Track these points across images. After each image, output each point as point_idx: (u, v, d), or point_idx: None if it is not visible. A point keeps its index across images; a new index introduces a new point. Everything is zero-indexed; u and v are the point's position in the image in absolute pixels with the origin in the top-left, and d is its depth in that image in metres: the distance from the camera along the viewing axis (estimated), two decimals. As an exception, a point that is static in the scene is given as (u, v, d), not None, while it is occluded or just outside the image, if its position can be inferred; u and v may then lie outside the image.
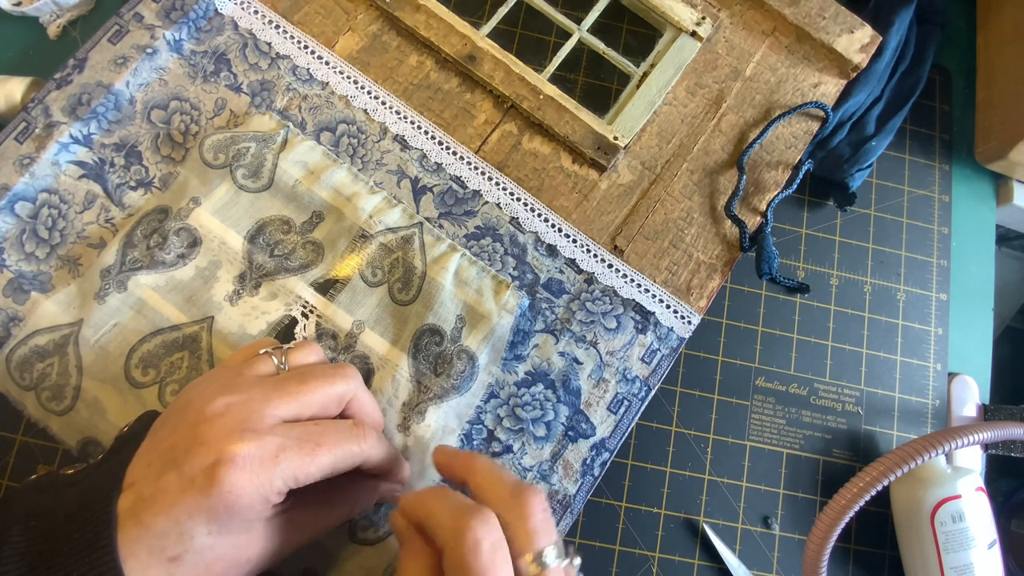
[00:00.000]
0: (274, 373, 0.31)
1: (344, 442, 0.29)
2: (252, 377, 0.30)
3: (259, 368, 0.31)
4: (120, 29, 0.39)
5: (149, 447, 0.28)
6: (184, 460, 0.26)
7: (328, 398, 0.30)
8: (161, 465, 0.26)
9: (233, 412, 0.27)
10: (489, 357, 0.37)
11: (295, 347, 0.33)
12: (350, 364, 0.33)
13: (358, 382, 0.31)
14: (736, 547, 0.41)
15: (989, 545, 0.39)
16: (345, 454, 0.29)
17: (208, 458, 0.26)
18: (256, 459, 0.26)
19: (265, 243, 0.38)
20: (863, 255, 0.47)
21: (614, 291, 0.39)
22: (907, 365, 0.45)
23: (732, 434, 0.43)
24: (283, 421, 0.28)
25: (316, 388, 0.29)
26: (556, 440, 0.37)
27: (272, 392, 0.29)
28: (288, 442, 0.27)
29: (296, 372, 0.31)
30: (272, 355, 0.31)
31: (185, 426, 0.27)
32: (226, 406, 0.27)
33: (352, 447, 0.29)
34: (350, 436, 0.29)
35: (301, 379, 0.30)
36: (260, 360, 0.31)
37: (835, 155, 0.45)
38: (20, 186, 0.36)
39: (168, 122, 0.39)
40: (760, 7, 0.43)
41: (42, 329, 0.35)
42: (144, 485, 0.26)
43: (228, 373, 0.30)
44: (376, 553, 0.34)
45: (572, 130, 0.40)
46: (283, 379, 0.30)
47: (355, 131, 0.40)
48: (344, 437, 0.29)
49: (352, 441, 0.29)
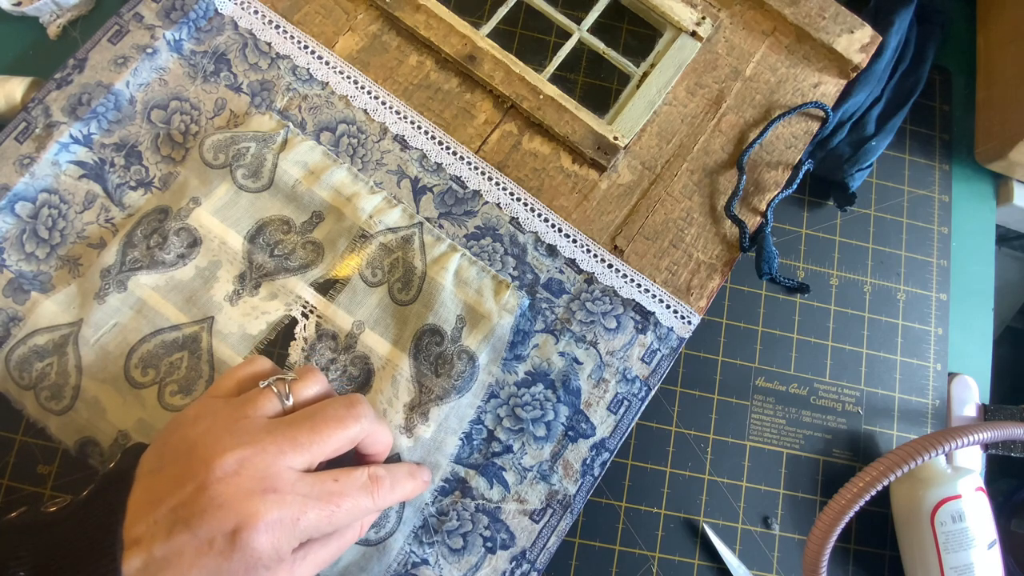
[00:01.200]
0: (280, 412, 0.30)
1: (361, 499, 0.29)
2: (259, 421, 0.28)
3: (263, 407, 0.29)
4: (120, 29, 0.39)
5: (148, 495, 0.26)
6: (199, 522, 0.25)
7: (342, 443, 0.29)
8: (170, 523, 0.25)
9: (248, 470, 0.26)
10: (489, 357, 0.37)
11: (298, 378, 0.31)
12: (360, 397, 0.31)
13: (369, 419, 0.30)
14: (736, 547, 0.41)
15: (989, 545, 0.39)
16: (360, 510, 0.29)
17: (228, 523, 0.25)
18: (278, 522, 0.26)
19: (265, 243, 0.38)
20: (863, 255, 0.47)
21: (614, 291, 0.39)
22: (907, 365, 0.45)
23: (732, 434, 0.43)
24: (302, 472, 0.28)
25: (331, 436, 0.29)
26: (556, 440, 0.37)
27: (286, 444, 0.28)
28: (309, 503, 0.27)
29: (307, 415, 0.29)
30: (274, 388, 0.30)
31: (192, 481, 0.26)
32: (239, 462, 0.26)
33: (366, 503, 0.29)
34: (365, 493, 0.29)
35: (314, 426, 0.29)
36: (263, 397, 0.30)
37: (835, 155, 0.45)
38: (20, 186, 0.36)
39: (168, 122, 0.39)
40: (760, 7, 0.43)
41: (42, 329, 0.35)
42: (154, 545, 0.25)
43: (228, 411, 0.29)
44: (377, 554, 0.34)
45: (572, 130, 0.40)
46: (295, 425, 0.28)
47: (355, 131, 0.40)
48: (361, 495, 0.29)
49: (366, 497, 0.29)
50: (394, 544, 0.35)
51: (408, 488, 0.33)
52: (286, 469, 0.27)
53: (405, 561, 0.35)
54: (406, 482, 0.32)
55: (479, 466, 0.36)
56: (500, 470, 0.36)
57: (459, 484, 0.36)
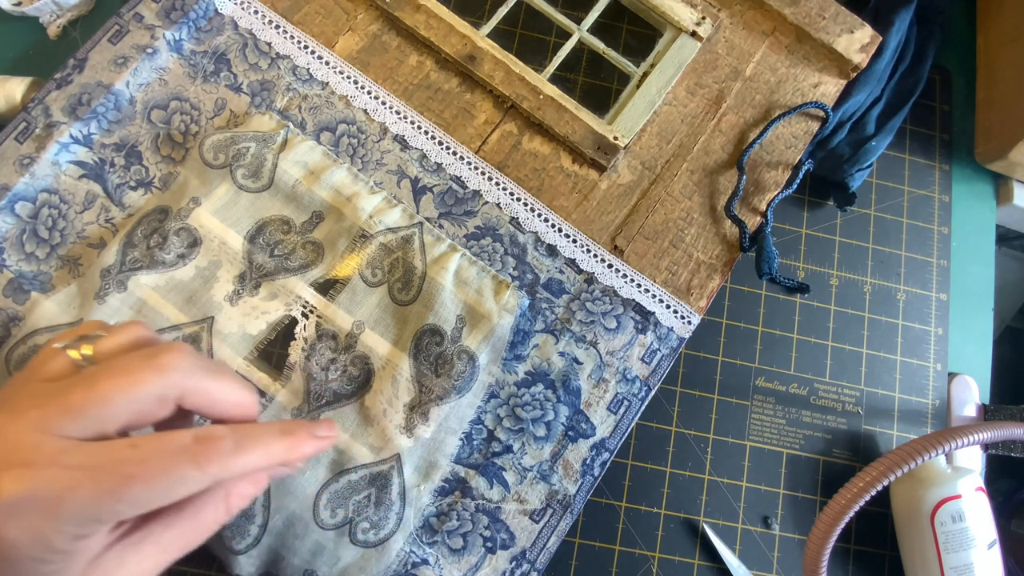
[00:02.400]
0: (70, 372, 0.24)
1: (173, 467, 0.22)
2: (37, 385, 0.23)
3: (50, 367, 0.24)
4: (120, 29, 0.39)
5: None
6: None
7: (137, 403, 0.23)
8: None
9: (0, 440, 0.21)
10: (489, 357, 0.37)
11: (109, 331, 0.25)
12: (178, 345, 0.25)
13: (185, 369, 0.24)
14: (736, 547, 0.41)
15: (989, 545, 0.39)
16: (175, 482, 0.22)
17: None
18: (30, 503, 0.20)
19: (265, 243, 0.38)
20: (863, 255, 0.47)
21: (614, 291, 0.39)
22: (907, 365, 0.45)
23: (732, 434, 0.43)
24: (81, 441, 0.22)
25: (111, 392, 0.22)
26: (556, 440, 0.37)
27: (52, 408, 0.22)
28: (81, 476, 0.21)
29: (90, 373, 0.23)
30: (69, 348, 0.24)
31: None
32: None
33: (187, 471, 0.22)
34: (185, 458, 0.22)
35: (92, 384, 0.22)
36: (49, 356, 0.24)
37: (835, 155, 0.45)
38: (20, 186, 0.36)
39: (168, 122, 0.39)
40: (760, 7, 0.43)
41: (42, 329, 0.35)
42: None
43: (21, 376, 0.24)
44: (376, 554, 0.34)
45: (572, 130, 0.40)
46: (70, 386, 0.23)
47: (355, 131, 0.40)
48: (175, 461, 0.22)
49: (187, 463, 0.22)
50: (394, 544, 0.35)
51: (275, 448, 0.25)
52: (50, 438, 0.21)
53: (405, 561, 0.35)
54: (270, 440, 0.25)
55: (479, 466, 0.36)
56: (500, 470, 0.36)
57: (459, 484, 0.36)
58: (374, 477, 0.35)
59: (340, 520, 0.34)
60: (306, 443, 0.26)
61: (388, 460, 0.35)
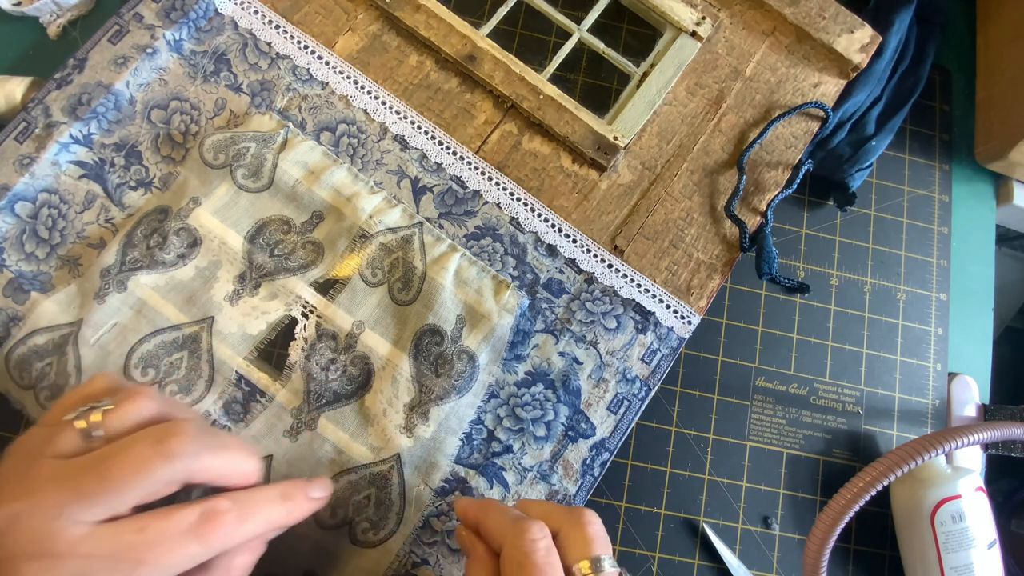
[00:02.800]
0: (79, 451, 0.24)
1: (181, 546, 0.23)
2: (51, 464, 0.24)
3: (59, 445, 0.24)
4: (120, 29, 0.39)
5: None
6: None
7: (146, 488, 0.24)
8: None
9: (19, 529, 0.22)
10: (489, 357, 0.37)
11: (119, 401, 0.26)
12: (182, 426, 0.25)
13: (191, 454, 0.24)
14: (736, 547, 0.41)
15: (989, 545, 0.39)
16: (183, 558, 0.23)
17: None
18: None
19: (265, 243, 0.38)
20: (863, 255, 0.47)
21: (614, 291, 0.39)
22: (907, 365, 0.45)
23: (732, 434, 0.43)
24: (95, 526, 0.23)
25: (125, 482, 0.23)
26: (556, 440, 0.37)
27: (69, 495, 0.23)
28: (95, 566, 0.22)
29: (99, 458, 0.24)
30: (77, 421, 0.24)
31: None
32: (10, 519, 0.22)
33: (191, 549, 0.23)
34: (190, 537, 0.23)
35: (104, 471, 0.23)
36: (61, 433, 0.24)
37: (835, 155, 0.45)
38: (20, 186, 0.36)
39: (168, 122, 0.39)
40: (760, 7, 0.43)
41: (41, 329, 0.35)
42: None
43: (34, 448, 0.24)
44: (377, 555, 0.34)
45: (572, 130, 0.40)
46: (82, 471, 0.23)
47: (355, 131, 0.40)
48: (181, 541, 0.23)
49: (192, 542, 0.23)
50: (394, 544, 0.35)
51: (275, 514, 0.27)
52: (70, 525, 0.22)
53: (405, 561, 0.35)
54: (270, 508, 0.26)
55: (479, 466, 0.36)
56: (500, 470, 0.36)
57: (459, 484, 0.36)
58: (374, 477, 0.35)
59: (340, 520, 0.34)
60: (304, 505, 0.28)
61: (388, 460, 0.35)
